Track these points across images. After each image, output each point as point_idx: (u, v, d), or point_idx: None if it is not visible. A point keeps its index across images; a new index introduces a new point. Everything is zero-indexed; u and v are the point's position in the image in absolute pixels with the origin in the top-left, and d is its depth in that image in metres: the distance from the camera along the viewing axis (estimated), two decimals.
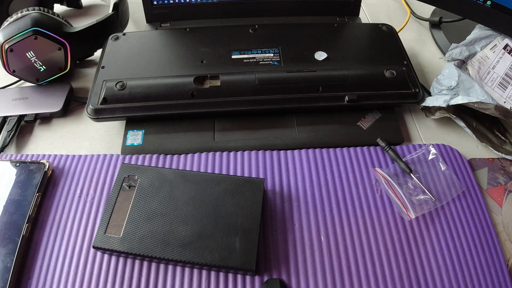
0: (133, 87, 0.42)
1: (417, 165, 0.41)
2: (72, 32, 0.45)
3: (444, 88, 0.44)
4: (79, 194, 0.38)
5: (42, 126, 0.45)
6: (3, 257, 0.33)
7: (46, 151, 0.42)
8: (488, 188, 0.40)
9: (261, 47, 0.48)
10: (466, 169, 0.41)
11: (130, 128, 0.43)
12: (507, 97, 0.46)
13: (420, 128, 0.46)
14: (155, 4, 0.53)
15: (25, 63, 0.43)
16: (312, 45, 0.48)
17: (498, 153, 0.43)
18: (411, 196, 0.38)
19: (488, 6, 0.47)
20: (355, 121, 0.44)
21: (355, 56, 0.47)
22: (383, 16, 0.61)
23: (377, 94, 0.44)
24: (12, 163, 0.38)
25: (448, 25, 0.57)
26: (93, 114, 0.41)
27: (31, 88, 0.47)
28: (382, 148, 0.42)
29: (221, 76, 0.43)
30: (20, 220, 0.35)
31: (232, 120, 0.44)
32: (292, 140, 0.42)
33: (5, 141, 0.42)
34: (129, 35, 0.49)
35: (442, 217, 0.37)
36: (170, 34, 0.50)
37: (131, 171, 0.36)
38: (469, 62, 0.48)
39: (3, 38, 0.42)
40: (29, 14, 0.43)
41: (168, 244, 0.32)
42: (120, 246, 0.32)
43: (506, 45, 0.49)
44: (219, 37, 0.49)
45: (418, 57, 0.54)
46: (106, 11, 0.51)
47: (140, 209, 0.34)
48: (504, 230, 0.37)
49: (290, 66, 0.45)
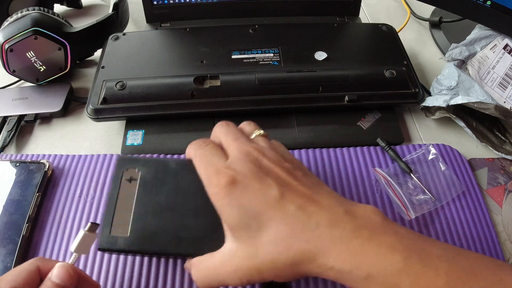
0: (133, 87, 0.42)
1: (417, 165, 0.41)
2: (72, 32, 0.45)
3: (444, 88, 0.44)
4: (79, 194, 0.38)
5: (42, 126, 0.45)
6: (3, 257, 0.33)
7: (46, 151, 0.42)
8: (488, 188, 0.40)
9: (261, 47, 0.48)
10: (466, 169, 0.41)
11: (130, 128, 0.43)
12: (507, 97, 0.46)
13: (420, 128, 0.46)
14: (155, 4, 0.53)
15: (25, 63, 0.43)
16: (312, 45, 0.48)
17: (498, 153, 0.43)
18: (411, 196, 0.38)
19: (488, 6, 0.47)
20: (355, 121, 0.44)
21: (355, 56, 0.47)
22: (383, 16, 0.61)
23: (377, 94, 0.44)
24: (12, 163, 0.38)
25: (448, 25, 0.57)
26: (93, 114, 0.41)
27: (31, 88, 0.47)
28: (382, 148, 0.42)
29: (221, 76, 0.43)
30: (20, 220, 0.35)
31: (232, 120, 0.43)
32: (292, 140, 0.42)
33: (5, 141, 0.42)
34: (129, 35, 0.49)
35: (442, 217, 0.37)
36: (170, 34, 0.50)
37: (130, 164, 0.33)
38: (469, 62, 0.48)
39: (3, 38, 0.42)
40: (29, 14, 0.43)
41: (182, 239, 0.29)
42: (129, 245, 0.29)
43: (506, 45, 0.49)
44: (219, 37, 0.49)
45: (418, 57, 0.54)
46: (106, 11, 0.51)
47: (145, 204, 0.31)
48: (504, 230, 0.37)
49: (290, 66, 0.45)
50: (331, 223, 0.24)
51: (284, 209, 0.25)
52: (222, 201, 0.26)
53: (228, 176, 0.26)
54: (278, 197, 0.25)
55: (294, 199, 0.25)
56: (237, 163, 0.27)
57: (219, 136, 0.30)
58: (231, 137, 0.29)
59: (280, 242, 0.25)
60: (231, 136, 0.30)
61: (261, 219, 0.25)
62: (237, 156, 0.27)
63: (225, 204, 0.26)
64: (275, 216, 0.25)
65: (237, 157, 0.27)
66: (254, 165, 0.27)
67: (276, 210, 0.25)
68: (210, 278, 0.27)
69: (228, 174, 0.26)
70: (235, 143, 0.29)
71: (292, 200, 0.25)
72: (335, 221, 0.25)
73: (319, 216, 0.25)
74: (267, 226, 0.25)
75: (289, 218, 0.25)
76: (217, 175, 0.26)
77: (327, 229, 0.24)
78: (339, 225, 0.24)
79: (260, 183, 0.26)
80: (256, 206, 0.25)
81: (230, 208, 0.26)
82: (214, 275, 0.27)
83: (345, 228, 0.24)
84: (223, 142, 0.30)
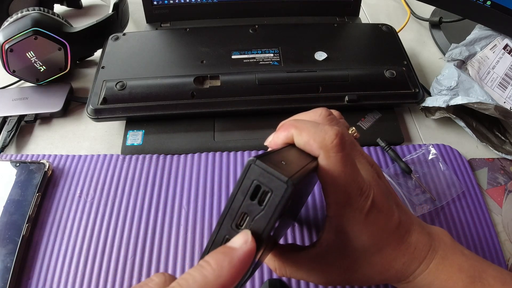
0: (133, 87, 0.42)
1: (417, 165, 0.41)
2: (72, 32, 0.45)
3: (444, 88, 0.44)
4: (79, 194, 0.38)
5: (42, 126, 0.45)
6: (3, 257, 0.33)
7: (46, 151, 0.42)
8: (488, 188, 0.40)
9: (261, 47, 0.48)
10: (466, 169, 0.41)
11: (130, 128, 0.43)
12: (507, 97, 0.46)
13: (420, 128, 0.46)
14: (155, 4, 0.53)
15: (25, 63, 0.43)
16: (312, 45, 0.48)
17: (498, 153, 0.43)
18: (411, 196, 0.38)
19: (488, 6, 0.47)
20: (355, 121, 0.44)
21: (355, 56, 0.47)
22: (383, 16, 0.61)
23: (377, 94, 0.44)
24: (12, 163, 0.38)
25: (448, 25, 0.57)
26: (93, 114, 0.41)
27: (31, 88, 0.47)
28: (382, 148, 0.42)
29: (221, 76, 0.43)
30: (20, 220, 0.35)
31: (232, 120, 0.44)
32: None
33: (5, 141, 0.42)
34: (129, 35, 0.49)
35: (442, 217, 0.37)
36: (170, 34, 0.50)
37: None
38: (469, 62, 0.48)
39: (3, 38, 0.42)
40: (29, 14, 0.43)
41: None
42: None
43: (506, 45, 0.49)
44: (219, 37, 0.49)
45: (418, 57, 0.54)
46: (106, 11, 0.51)
47: None
48: (504, 230, 0.37)
49: (290, 66, 0.45)
50: (422, 246, 0.26)
51: (400, 234, 0.26)
52: (361, 225, 0.24)
53: (370, 197, 0.24)
54: (398, 222, 0.26)
55: (405, 224, 0.26)
56: (372, 182, 0.25)
57: (333, 135, 0.23)
58: (350, 141, 0.26)
59: (384, 264, 0.26)
60: (350, 139, 0.27)
61: (381, 243, 0.25)
62: (369, 172, 0.26)
63: (362, 229, 0.25)
64: (391, 242, 0.26)
65: (370, 174, 0.26)
66: (383, 186, 0.26)
67: (393, 235, 0.26)
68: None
69: (369, 195, 0.24)
70: (363, 157, 0.27)
71: (404, 225, 0.26)
72: (424, 245, 0.26)
73: (416, 239, 0.26)
74: (383, 249, 0.26)
75: (401, 243, 0.26)
76: (360, 196, 0.24)
77: (418, 253, 0.26)
78: (426, 248, 0.26)
79: (388, 207, 0.25)
80: (383, 231, 0.25)
81: (366, 233, 0.25)
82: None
83: (428, 250, 0.26)
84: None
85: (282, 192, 0.18)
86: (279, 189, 0.18)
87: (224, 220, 0.19)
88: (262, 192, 0.19)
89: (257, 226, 0.19)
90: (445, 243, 0.27)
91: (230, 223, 0.19)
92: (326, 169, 0.22)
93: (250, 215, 0.19)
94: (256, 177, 0.19)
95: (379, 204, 0.24)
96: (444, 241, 0.27)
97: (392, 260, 0.26)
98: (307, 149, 0.23)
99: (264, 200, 0.19)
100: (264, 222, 0.19)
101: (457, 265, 0.26)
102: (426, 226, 0.28)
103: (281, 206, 0.18)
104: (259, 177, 0.19)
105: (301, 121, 0.24)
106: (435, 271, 0.26)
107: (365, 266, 0.26)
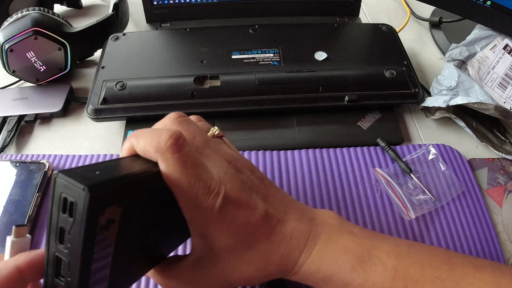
0: (133, 87, 0.42)
1: (417, 165, 0.41)
2: (72, 32, 0.45)
3: (444, 89, 0.44)
4: None
5: (42, 126, 0.45)
6: None
7: (46, 151, 0.42)
8: (488, 188, 0.40)
9: (261, 47, 0.48)
10: (466, 169, 0.41)
11: (130, 128, 0.43)
12: (507, 97, 0.46)
13: (420, 128, 0.46)
14: (155, 4, 0.53)
15: (25, 63, 0.43)
16: (312, 45, 0.48)
17: (498, 153, 0.43)
18: (411, 196, 0.38)
19: (488, 6, 0.47)
20: (355, 121, 0.44)
21: (355, 56, 0.47)
22: (383, 16, 0.61)
23: (377, 94, 0.44)
24: (12, 163, 0.38)
25: (448, 25, 0.57)
26: (93, 114, 0.41)
27: (31, 88, 0.47)
28: (382, 148, 0.42)
29: (221, 76, 0.43)
30: (20, 220, 0.34)
31: (232, 120, 0.44)
32: (292, 140, 0.42)
33: (5, 141, 0.42)
34: (129, 35, 0.49)
35: (442, 217, 0.37)
36: (170, 34, 0.50)
37: (106, 198, 0.19)
38: (469, 62, 0.48)
39: (3, 38, 0.42)
40: (29, 14, 0.43)
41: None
42: None
43: (506, 45, 0.49)
44: (219, 37, 0.49)
45: (418, 57, 0.55)
46: (106, 11, 0.51)
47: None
48: (504, 230, 0.37)
49: (290, 66, 0.45)
50: (300, 235, 0.25)
51: (269, 227, 0.25)
52: (216, 225, 0.23)
53: (220, 195, 0.23)
54: (264, 214, 0.24)
55: (274, 215, 0.25)
56: (225, 178, 0.24)
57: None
58: (202, 141, 0.25)
59: (260, 260, 0.25)
60: (202, 138, 0.25)
61: (248, 239, 0.24)
62: (223, 169, 0.24)
63: (219, 228, 0.23)
64: (261, 236, 0.25)
65: (224, 170, 0.24)
66: (241, 181, 0.25)
67: (261, 229, 0.24)
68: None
69: (220, 192, 0.23)
70: (218, 155, 0.25)
71: (273, 217, 0.25)
72: (303, 232, 0.25)
73: (291, 228, 0.25)
74: (253, 244, 0.25)
75: (273, 236, 0.25)
76: (208, 195, 0.22)
77: (296, 242, 0.25)
78: (305, 235, 0.25)
79: (249, 201, 0.24)
80: (246, 227, 0.24)
81: (225, 231, 0.24)
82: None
83: (308, 237, 0.25)
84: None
85: (83, 199, 0.18)
86: (81, 197, 0.18)
87: (50, 237, 0.19)
88: (70, 204, 0.18)
89: (74, 240, 0.18)
90: (330, 226, 0.26)
91: (54, 239, 0.19)
92: (166, 172, 0.21)
93: (66, 228, 0.19)
94: (62, 190, 0.18)
95: (235, 200, 0.23)
96: (328, 224, 0.26)
97: (268, 254, 0.25)
98: (146, 155, 0.22)
99: (72, 210, 0.18)
100: (79, 233, 0.18)
101: (342, 246, 0.25)
102: (309, 212, 0.27)
103: (89, 214, 0.18)
104: (64, 189, 0.18)
105: (140, 130, 0.23)
106: (318, 258, 0.25)
107: (240, 265, 0.25)
